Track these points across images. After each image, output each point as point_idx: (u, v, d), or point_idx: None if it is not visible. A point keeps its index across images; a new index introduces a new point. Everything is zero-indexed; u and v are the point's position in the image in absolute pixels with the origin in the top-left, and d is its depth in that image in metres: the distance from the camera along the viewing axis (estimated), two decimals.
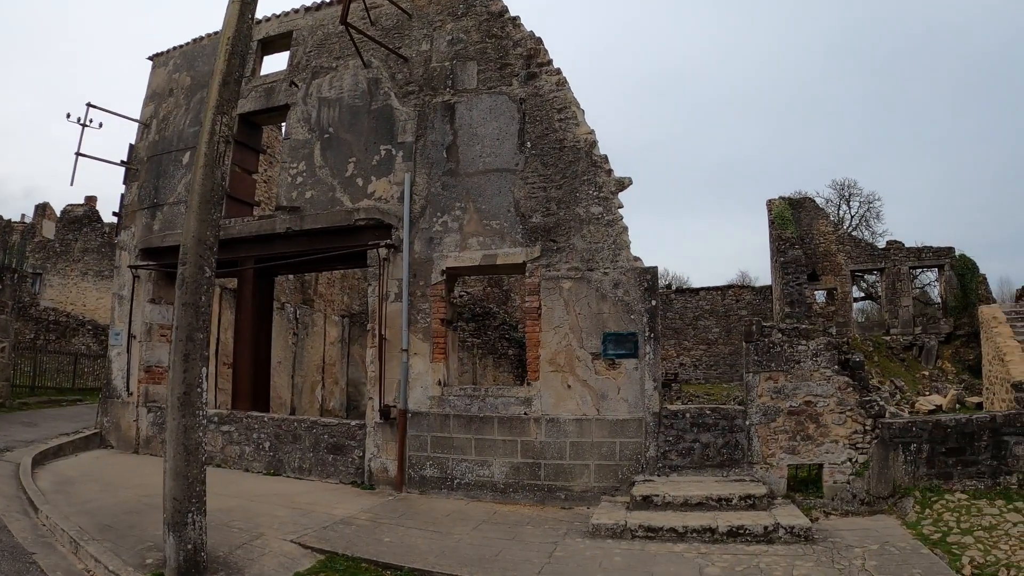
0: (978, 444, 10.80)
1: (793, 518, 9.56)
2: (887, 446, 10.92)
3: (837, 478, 10.96)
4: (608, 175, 12.32)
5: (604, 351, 11.83)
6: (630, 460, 11.56)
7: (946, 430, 10.88)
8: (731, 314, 30.25)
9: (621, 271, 11.96)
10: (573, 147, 12.48)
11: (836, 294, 30.33)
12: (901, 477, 10.84)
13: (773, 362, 11.36)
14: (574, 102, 12.74)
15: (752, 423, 11.29)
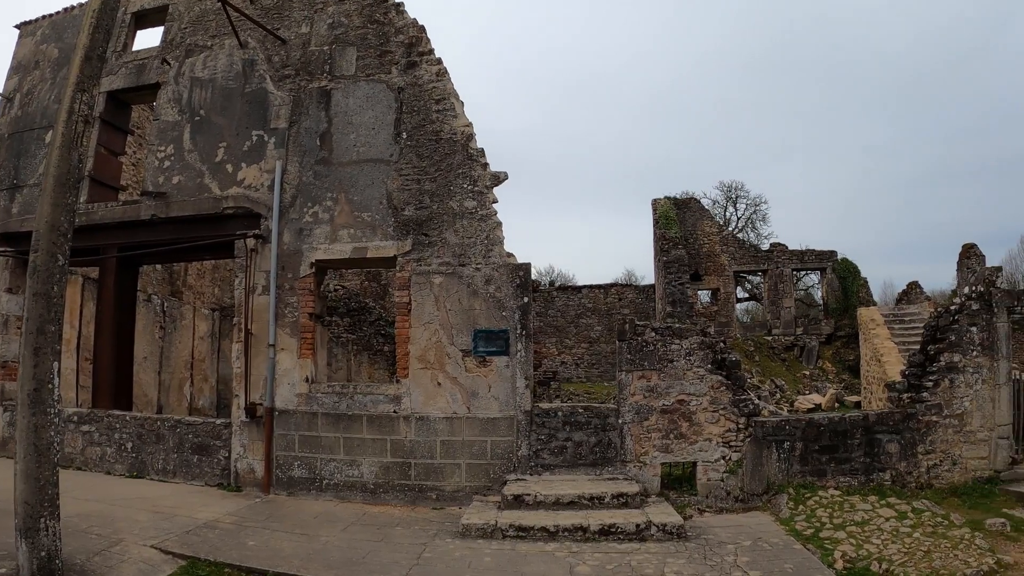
0: (851, 442, 11.65)
1: (666, 516, 10.00)
2: (761, 444, 11.60)
3: (711, 476, 11.57)
4: (484, 169, 12.58)
5: (475, 348, 12.10)
6: (502, 459, 11.86)
7: (819, 428, 11.68)
8: (614, 312, 31.11)
9: (494, 267, 12.25)
10: (450, 139, 12.69)
11: (719, 294, 31.63)
12: (775, 474, 11.54)
13: (646, 361, 11.86)
14: (453, 93, 12.94)
15: (625, 422, 11.76)
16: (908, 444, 11.74)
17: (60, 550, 7.68)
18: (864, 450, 11.71)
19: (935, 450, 11.80)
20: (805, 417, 12.45)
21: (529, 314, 12.25)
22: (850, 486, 11.47)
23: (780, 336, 30.48)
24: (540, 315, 31.65)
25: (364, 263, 14.00)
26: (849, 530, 9.83)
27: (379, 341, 25.39)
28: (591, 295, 32.33)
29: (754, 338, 30.38)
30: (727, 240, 32.52)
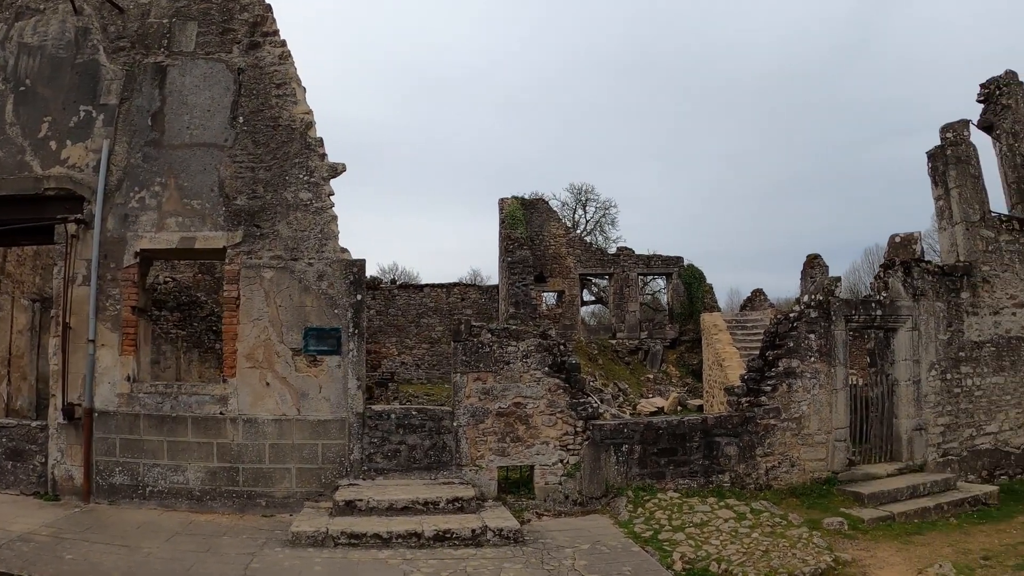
0: (690, 445, 12.12)
1: (502, 520, 10.08)
2: (599, 447, 11.87)
3: (549, 479, 11.76)
4: (322, 160, 12.35)
5: (305, 347, 11.84)
6: (334, 463, 11.66)
7: (658, 431, 12.09)
8: (456, 312, 31.16)
9: (327, 262, 12.04)
10: (288, 126, 12.38)
11: (564, 297, 32.33)
12: (614, 477, 11.85)
13: (482, 363, 11.95)
14: (295, 78, 12.62)
15: (460, 424, 11.80)
16: (747, 447, 12.32)
17: None
18: (703, 453, 12.19)
19: (773, 452, 12.44)
20: (644, 420, 12.87)
21: (362, 312, 12.11)
22: (689, 488, 11.90)
23: (625, 340, 31.41)
24: (380, 314, 31.41)
25: (192, 254, 13.51)
26: (688, 531, 10.20)
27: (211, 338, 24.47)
28: (433, 294, 32.33)
29: (599, 341, 31.19)
30: (574, 242, 33.24)
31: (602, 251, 34.46)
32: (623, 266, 32.74)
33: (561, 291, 32.39)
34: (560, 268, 32.32)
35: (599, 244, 42.04)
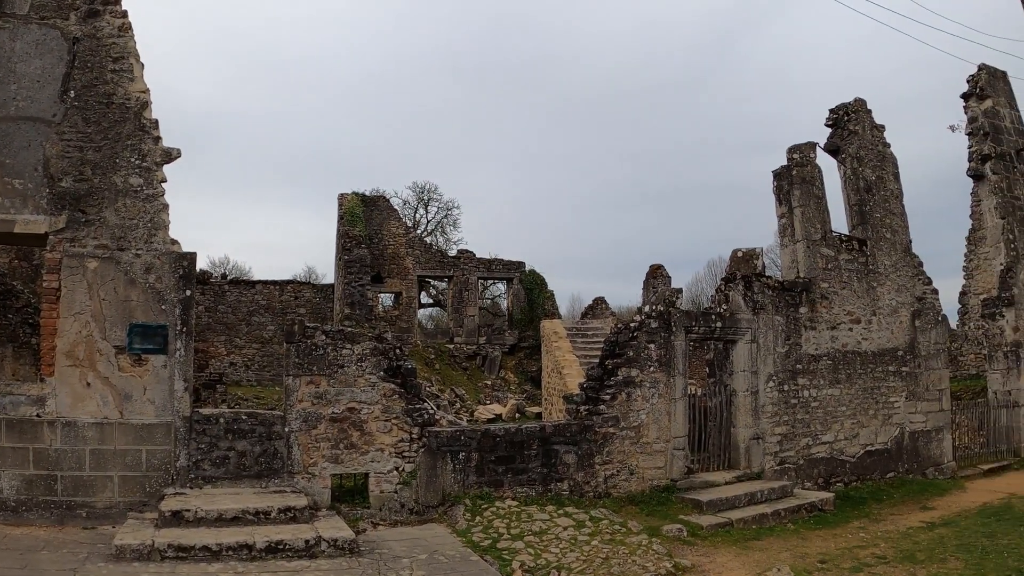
0: (529, 452, 12.47)
1: (337, 530, 10.10)
2: (435, 455, 12.07)
3: (384, 487, 11.88)
4: (156, 143, 12.00)
5: (130, 345, 11.48)
6: (159, 471, 11.37)
7: (496, 439, 12.38)
8: (289, 311, 30.76)
9: (155, 254, 11.74)
10: (123, 105, 11.98)
11: (402, 299, 32.46)
12: (451, 485, 12.05)
13: (315, 365, 11.94)
14: (134, 53, 12.18)
15: (292, 430, 11.73)
16: (586, 455, 12.82)
17: None
18: (542, 461, 12.59)
19: (612, 460, 13.02)
20: (481, 427, 13.31)
21: (191, 309, 11.87)
22: (528, 496, 12.26)
23: (463, 345, 31.83)
24: (210, 311, 30.55)
25: (11, 239, 13.00)
26: (527, 540, 10.54)
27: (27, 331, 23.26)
28: (266, 291, 31.80)
29: (436, 345, 31.50)
30: (414, 243, 33.37)
31: (442, 253, 34.80)
32: (463, 269, 33.17)
33: (399, 292, 32.49)
34: (398, 269, 32.43)
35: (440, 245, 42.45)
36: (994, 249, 22.23)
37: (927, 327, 18.13)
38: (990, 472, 18.84)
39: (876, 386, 16.97)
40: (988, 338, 21.65)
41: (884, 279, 17.59)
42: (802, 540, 11.95)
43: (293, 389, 11.85)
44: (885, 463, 16.96)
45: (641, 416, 13.43)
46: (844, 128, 17.87)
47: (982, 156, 22.20)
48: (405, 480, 12.04)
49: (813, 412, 15.80)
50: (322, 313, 31.25)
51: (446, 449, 12.22)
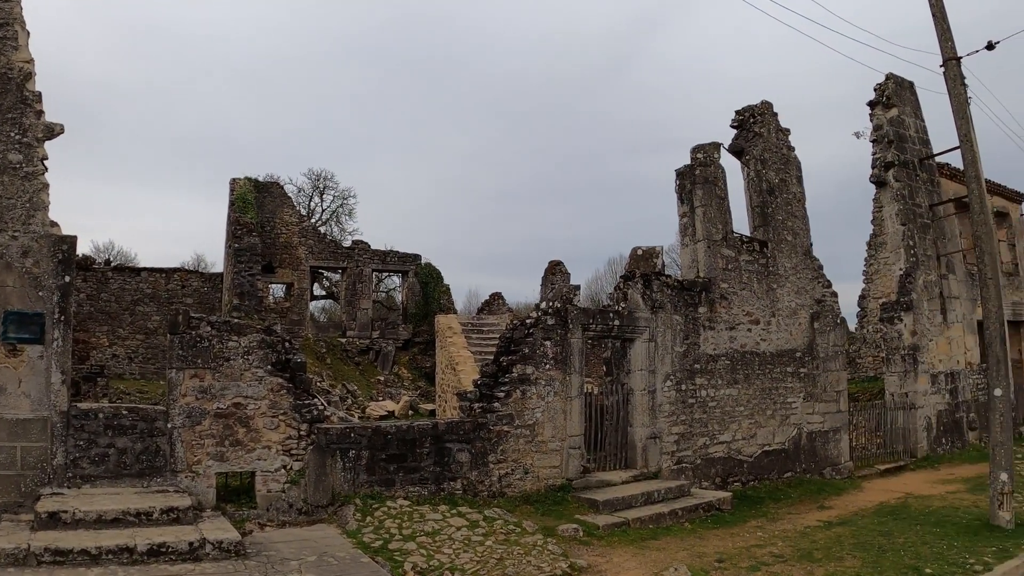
0: (421, 451, 12.66)
1: (222, 532, 10.10)
2: (324, 453, 12.15)
3: (271, 487, 11.89)
4: (38, 117, 11.77)
5: (4, 334, 11.22)
6: (35, 469, 11.14)
7: (387, 437, 12.52)
8: (176, 301, 30.32)
9: (33, 236, 11.51)
10: (5, 75, 11.72)
11: (293, 290, 32.42)
12: (341, 485, 12.15)
13: (200, 358, 11.85)
14: (20, 19, 11.91)
15: (176, 426, 11.62)
16: (480, 453, 13.09)
17: None
18: (434, 459, 12.80)
19: (507, 459, 13.33)
20: (372, 424, 13.35)
21: (70, 296, 11.68)
22: (420, 496, 12.47)
23: (356, 339, 31.97)
24: (91, 299, 29.97)
25: None
26: (420, 540, 10.74)
27: None
28: (152, 279, 31.33)
29: (328, 339, 31.55)
30: (307, 232, 33.33)
31: (336, 243, 34.85)
32: (357, 260, 33.32)
33: (290, 283, 32.43)
34: (291, 258, 32.37)
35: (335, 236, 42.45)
36: (894, 254, 23.46)
37: (826, 329, 19.07)
38: (887, 472, 19.90)
39: (774, 387, 17.77)
40: (886, 341, 22.78)
41: (784, 281, 18.43)
42: (700, 539, 12.44)
43: (176, 383, 11.74)
44: (783, 463, 17.78)
45: (536, 414, 13.76)
46: (749, 130, 18.61)
47: (885, 163, 23.43)
48: (293, 479, 12.07)
49: (711, 412, 16.45)
50: (210, 303, 31.00)
51: (336, 447, 12.27)
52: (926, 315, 23.12)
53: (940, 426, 23.04)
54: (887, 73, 24.45)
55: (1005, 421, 14.18)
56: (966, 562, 11.47)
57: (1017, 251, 30.26)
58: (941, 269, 24.22)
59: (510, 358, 13.88)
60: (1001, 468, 13.88)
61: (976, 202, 14.94)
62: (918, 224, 23.48)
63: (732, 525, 13.67)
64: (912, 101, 25.07)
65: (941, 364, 23.61)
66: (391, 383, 29.83)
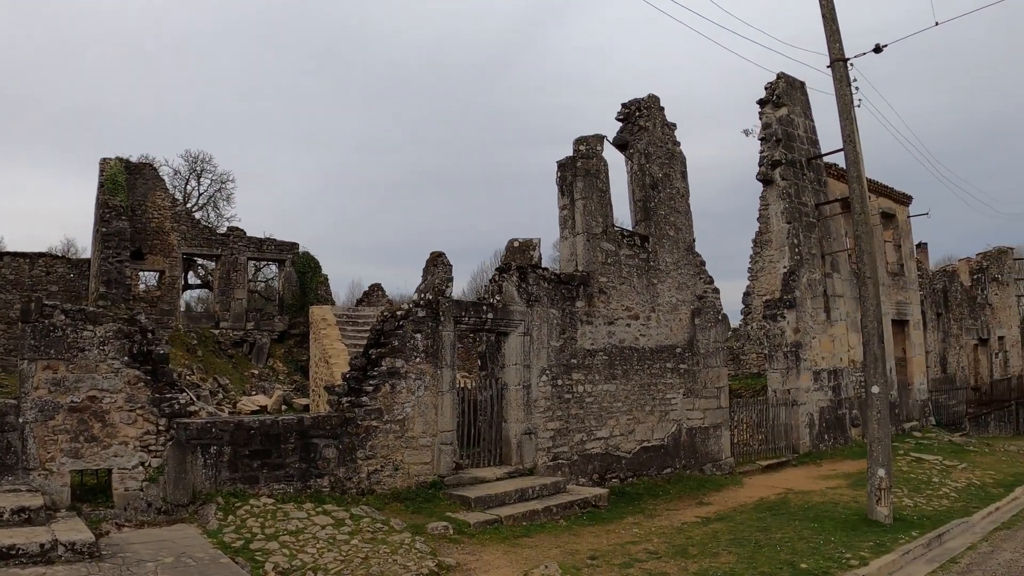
0: (286, 447, 12.68)
1: (76, 533, 9.95)
2: (185, 449, 12.03)
3: (129, 485, 11.82)
4: None
5: None
6: None
7: (250, 432, 12.44)
8: (40, 288, 29.49)
9: None
10: None
11: (165, 277, 31.93)
12: (202, 482, 12.03)
13: (53, 348, 11.66)
14: None
15: (27, 421, 11.39)
16: (347, 449, 13.21)
17: None
18: (300, 455, 12.84)
19: (376, 455, 13.52)
20: (235, 419, 13.21)
21: None
22: (286, 493, 12.52)
23: (229, 330, 31.68)
24: None
25: None
26: (283, 540, 10.80)
27: None
28: (14, 265, 30.44)
29: (200, 330, 31.13)
30: (180, 217, 32.72)
31: (211, 229, 34.49)
32: (232, 248, 33.03)
33: (162, 271, 31.95)
34: (162, 245, 31.83)
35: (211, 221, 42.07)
36: (779, 252, 24.51)
37: (707, 325, 19.88)
38: (769, 468, 20.89)
39: (653, 382, 18.45)
40: (769, 338, 23.80)
41: (665, 276, 19.13)
42: (574, 537, 12.80)
43: (29, 375, 11.56)
44: (662, 459, 18.46)
45: (406, 409, 13.98)
46: (635, 123, 19.23)
47: (773, 162, 24.46)
48: (152, 477, 12.02)
49: (588, 407, 16.94)
50: (77, 291, 30.41)
51: (196, 443, 12.11)
52: (810, 313, 24.24)
53: (823, 422, 24.20)
54: (779, 72, 25.49)
55: (882, 418, 15.01)
56: (842, 557, 12.10)
57: (903, 252, 31.81)
58: (826, 268, 25.38)
59: (380, 351, 14.00)
60: (879, 464, 14.70)
61: (857, 202, 15.76)
62: (803, 223, 24.54)
63: (608, 522, 14.06)
64: (802, 101, 26.17)
65: (824, 362, 24.75)
66: (265, 377, 29.76)
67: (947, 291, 40.22)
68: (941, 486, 19.27)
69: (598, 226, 17.53)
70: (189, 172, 48.96)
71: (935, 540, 13.87)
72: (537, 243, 16.70)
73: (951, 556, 13.08)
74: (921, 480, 19.83)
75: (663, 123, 20.00)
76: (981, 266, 47.26)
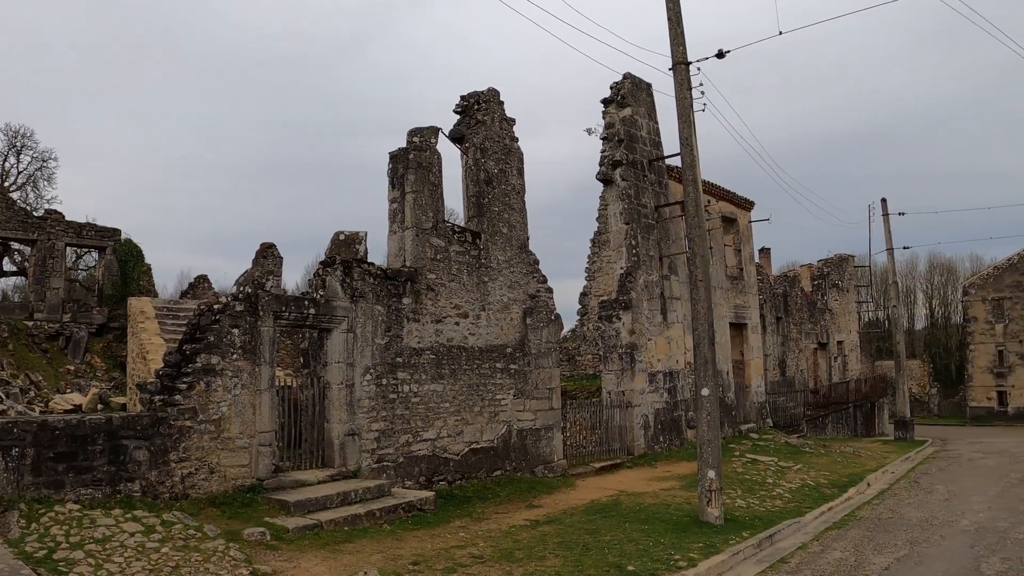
0: (94, 449, 12.32)
1: None
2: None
3: None
4: None
5: None
6: None
7: (55, 433, 12.01)
8: None
9: None
10: None
11: None
12: (4, 488, 11.57)
13: None
14: None
15: None
16: (160, 451, 12.94)
17: None
18: (109, 458, 12.50)
19: (190, 458, 13.29)
20: (38, 419, 12.69)
21: None
22: (94, 499, 12.17)
23: (44, 322, 30.58)
24: None
25: None
26: (88, 548, 10.58)
27: None
28: None
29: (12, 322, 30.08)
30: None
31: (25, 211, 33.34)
32: (49, 233, 31.99)
33: None
34: None
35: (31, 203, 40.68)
36: (616, 253, 25.23)
37: (539, 325, 20.33)
38: (603, 470, 21.50)
39: (483, 383, 18.75)
40: (604, 339, 24.48)
41: (497, 274, 19.49)
42: (397, 541, 12.94)
43: None
44: (492, 461, 18.79)
45: (222, 408, 13.79)
46: (473, 117, 19.55)
47: (614, 162, 25.17)
48: None
49: (414, 408, 17.09)
50: None
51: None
52: (646, 315, 25.06)
53: (658, 424, 25.05)
54: (625, 73, 26.18)
55: (712, 420, 15.71)
56: (671, 558, 12.64)
57: (743, 256, 33.14)
58: (663, 270, 26.28)
59: (195, 346, 13.79)
60: (709, 466, 15.39)
61: (692, 205, 16.44)
62: (643, 224, 25.34)
63: (434, 526, 14.25)
64: (648, 103, 26.99)
65: (660, 363, 25.62)
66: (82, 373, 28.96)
67: (788, 296, 42.01)
68: (775, 487, 20.26)
69: (428, 221, 17.72)
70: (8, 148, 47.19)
71: (766, 540, 14.63)
72: (364, 236, 16.76)
73: (781, 556, 13.82)
74: (756, 481, 20.78)
75: (502, 118, 20.35)
76: (822, 272, 49.54)
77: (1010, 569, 12.81)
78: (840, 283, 51.21)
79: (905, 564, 13.24)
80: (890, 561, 13.39)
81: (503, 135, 20.28)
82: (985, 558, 13.55)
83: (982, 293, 63.91)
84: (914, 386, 71.31)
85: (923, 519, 17.12)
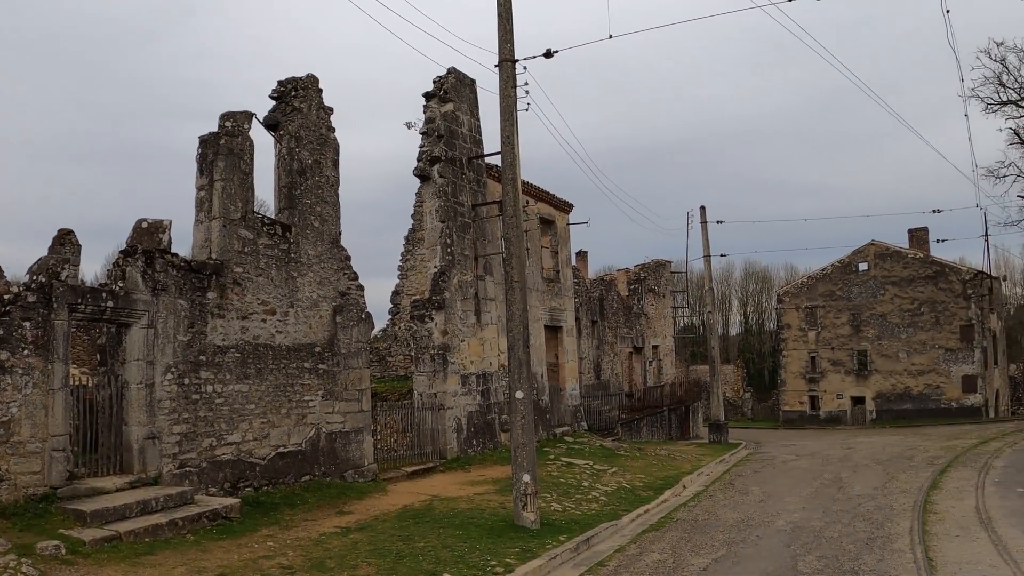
0: None
1: None
2: None
3: None
4: None
5: None
6: None
7: None
8: None
9: None
10: None
11: None
12: None
13: None
14: None
15: None
16: None
17: None
18: None
19: None
20: None
21: None
22: None
23: None
24: None
25: None
26: None
27: None
28: None
29: None
30: None
31: None
32: None
33: None
34: None
35: None
36: (431, 251, 25.58)
37: (349, 324, 20.40)
38: (415, 474, 21.80)
39: (290, 383, 18.65)
40: (416, 340, 24.70)
41: (307, 270, 19.44)
42: (202, 552, 12.81)
43: None
44: (300, 466, 18.72)
45: (12, 410, 13.13)
46: (289, 103, 19.45)
47: (432, 157, 25.46)
48: None
49: (218, 409, 16.81)
50: None
51: None
52: (459, 315, 25.48)
53: (471, 427, 25.49)
54: (449, 67, 26.50)
55: (527, 423, 16.12)
56: (487, 564, 13.00)
57: (560, 258, 33.99)
58: (479, 270, 26.74)
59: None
60: (524, 469, 15.80)
61: (510, 204, 16.85)
62: (459, 223, 25.75)
63: (241, 535, 14.17)
64: (471, 99, 27.42)
65: (474, 365, 26.08)
66: None
67: (604, 299, 43.18)
68: (591, 490, 20.97)
69: (238, 211, 17.52)
70: None
71: (583, 544, 15.18)
72: (168, 225, 16.26)
73: (599, 559, 14.40)
74: (571, 484, 21.45)
75: (320, 106, 20.31)
76: (639, 277, 51.07)
77: (826, 567, 13.72)
78: (656, 288, 52.91)
79: (723, 564, 14.01)
80: (708, 562, 14.13)
81: (320, 124, 20.24)
82: (802, 556, 14.46)
83: (796, 301, 67.11)
84: (728, 390, 74.64)
85: (739, 520, 18.08)
